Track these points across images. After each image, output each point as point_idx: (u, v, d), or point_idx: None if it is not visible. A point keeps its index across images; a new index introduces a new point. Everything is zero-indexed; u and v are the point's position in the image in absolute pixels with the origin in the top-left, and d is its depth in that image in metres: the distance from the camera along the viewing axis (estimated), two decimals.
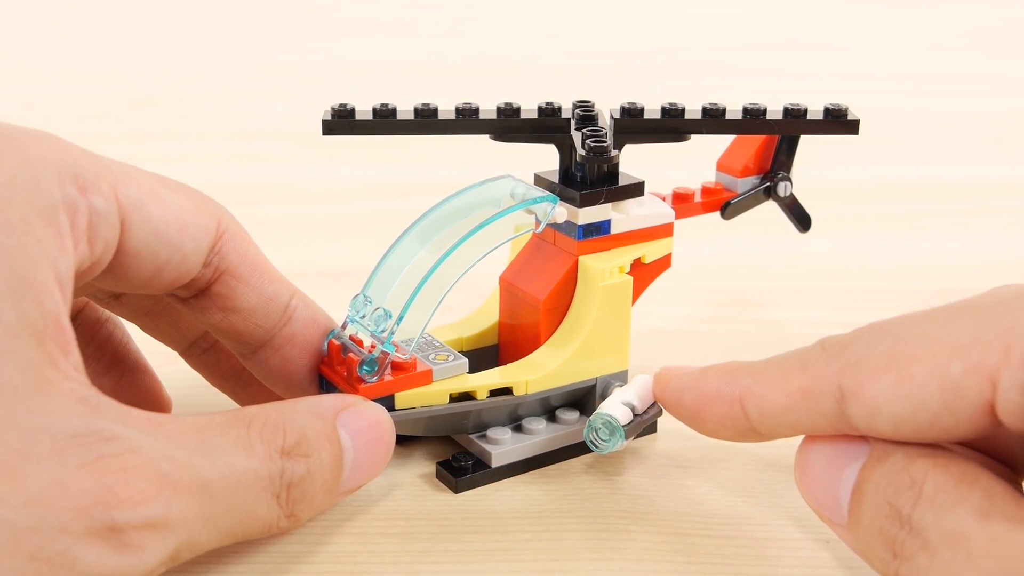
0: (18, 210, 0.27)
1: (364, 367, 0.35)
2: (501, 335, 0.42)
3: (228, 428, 0.30)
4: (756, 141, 0.43)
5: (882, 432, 0.29)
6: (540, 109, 0.39)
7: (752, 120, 0.40)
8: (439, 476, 0.38)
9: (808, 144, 0.43)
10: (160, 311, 0.39)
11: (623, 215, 0.40)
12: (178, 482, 0.27)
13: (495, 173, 0.39)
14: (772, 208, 0.44)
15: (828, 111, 0.40)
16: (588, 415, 0.39)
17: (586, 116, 0.41)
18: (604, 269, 0.39)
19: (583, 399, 0.40)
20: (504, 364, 0.40)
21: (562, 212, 0.38)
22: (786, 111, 0.40)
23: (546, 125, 0.39)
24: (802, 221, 0.45)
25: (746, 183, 0.43)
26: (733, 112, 0.40)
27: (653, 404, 0.38)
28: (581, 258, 0.39)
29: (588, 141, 0.38)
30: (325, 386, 0.37)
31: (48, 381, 0.27)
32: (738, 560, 0.34)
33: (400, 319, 0.36)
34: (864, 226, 0.65)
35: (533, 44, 1.14)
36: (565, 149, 0.40)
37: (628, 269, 0.39)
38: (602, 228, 0.39)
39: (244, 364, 0.37)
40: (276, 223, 0.64)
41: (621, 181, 0.39)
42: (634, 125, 0.40)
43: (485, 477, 0.38)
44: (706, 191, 0.43)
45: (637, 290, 0.40)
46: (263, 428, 0.30)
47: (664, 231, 0.41)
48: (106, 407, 0.27)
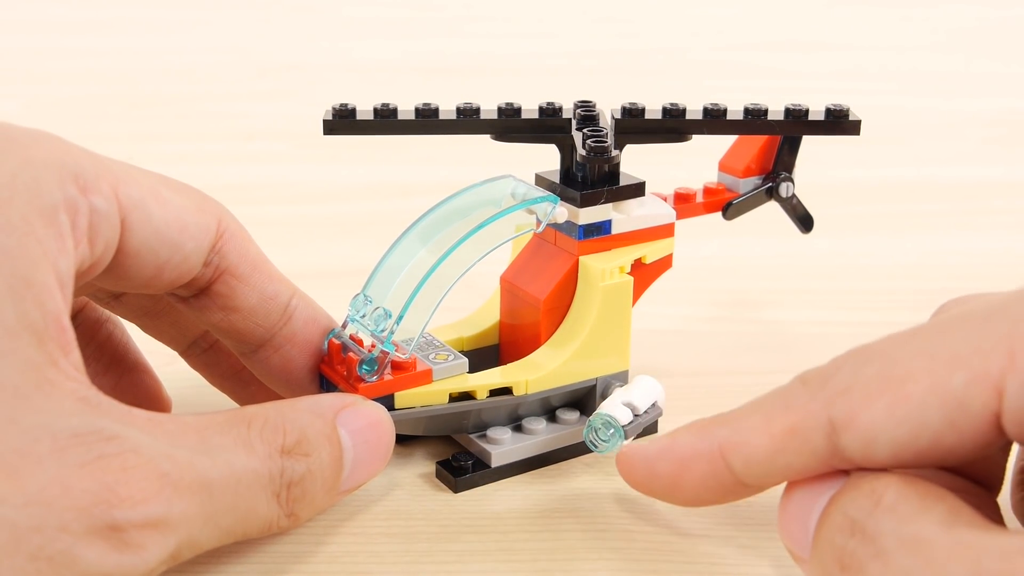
0: (19, 210, 0.27)
1: (364, 366, 0.35)
2: (502, 335, 0.42)
3: (228, 427, 0.30)
4: (758, 141, 0.43)
5: (880, 461, 0.27)
6: (541, 109, 0.39)
7: (753, 120, 0.40)
8: (439, 476, 0.38)
9: (808, 144, 0.43)
10: (160, 311, 0.39)
11: (624, 215, 0.40)
12: (179, 481, 0.27)
13: (496, 173, 0.39)
14: (772, 208, 0.44)
15: (829, 112, 0.40)
16: (588, 415, 0.39)
17: (587, 116, 0.41)
18: (604, 269, 0.39)
19: (583, 399, 0.40)
20: (504, 364, 0.40)
21: (563, 212, 0.38)
22: (787, 112, 0.40)
23: (547, 125, 0.39)
24: (804, 222, 0.45)
25: (748, 183, 0.43)
26: (734, 112, 0.40)
27: (653, 404, 0.39)
28: (582, 258, 0.39)
29: (589, 141, 0.38)
30: (325, 385, 0.37)
31: (49, 381, 0.26)
32: (738, 560, 0.34)
33: (400, 319, 0.36)
34: (865, 226, 0.65)
35: (533, 44, 1.14)
36: (566, 149, 0.40)
37: (629, 269, 0.39)
38: (603, 228, 0.39)
39: (244, 363, 0.37)
40: (276, 223, 0.64)
41: (622, 181, 0.39)
42: (635, 125, 0.40)
43: (485, 477, 0.38)
44: (708, 191, 0.43)
45: (638, 290, 0.40)
46: (263, 427, 0.30)
47: (665, 231, 0.41)
48: (107, 407, 0.27)
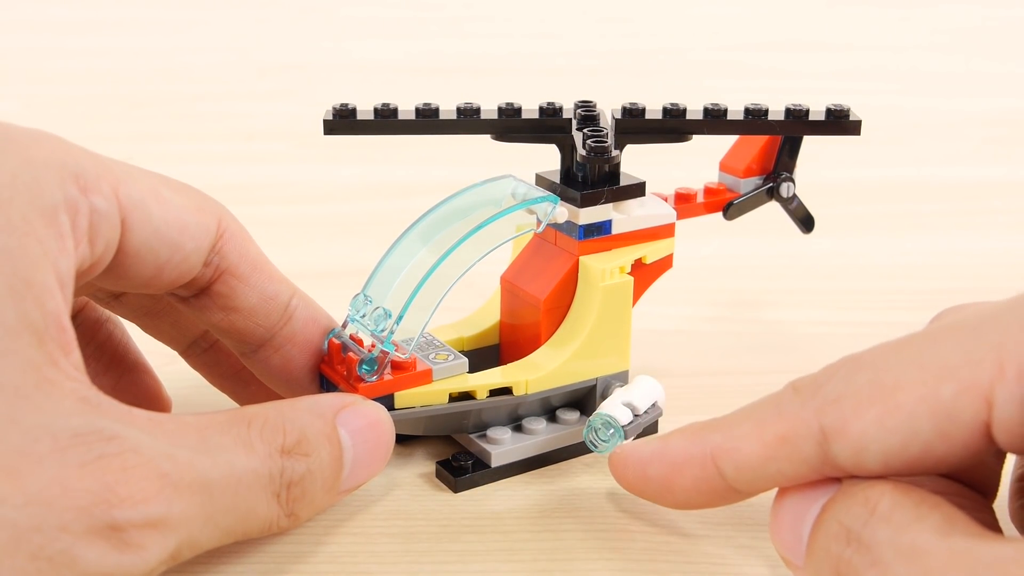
0: (19, 210, 0.27)
1: (364, 366, 0.35)
2: (502, 335, 0.42)
3: (228, 427, 0.30)
4: (759, 141, 0.43)
5: (871, 469, 0.28)
6: (541, 109, 0.39)
7: (754, 120, 0.40)
8: (439, 476, 0.38)
9: (809, 144, 0.42)
10: (160, 311, 0.39)
11: (624, 215, 0.40)
12: (179, 481, 0.27)
13: (496, 173, 0.39)
14: (772, 208, 0.44)
15: (830, 112, 0.40)
16: (588, 415, 0.39)
17: (587, 116, 0.41)
18: (605, 269, 0.39)
19: (583, 399, 0.40)
20: (505, 364, 0.40)
21: (563, 212, 0.38)
22: (788, 112, 0.40)
23: (547, 125, 0.39)
24: (805, 222, 0.45)
25: (749, 183, 0.43)
26: (735, 112, 0.40)
27: (653, 404, 0.39)
28: (582, 258, 0.39)
29: (589, 141, 0.38)
30: (325, 385, 0.37)
31: (49, 381, 0.26)
32: (738, 560, 0.34)
33: (400, 318, 0.36)
34: (865, 226, 0.65)
35: (533, 44, 1.14)
36: (566, 149, 0.40)
37: (629, 269, 0.39)
38: (603, 228, 0.39)
39: (245, 363, 0.37)
40: (276, 223, 0.64)
41: (622, 181, 0.39)
42: (635, 125, 0.40)
43: (485, 477, 0.38)
44: (708, 191, 0.43)
45: (638, 290, 0.40)
46: (263, 427, 0.30)
47: (666, 231, 0.41)
48: (107, 406, 0.27)
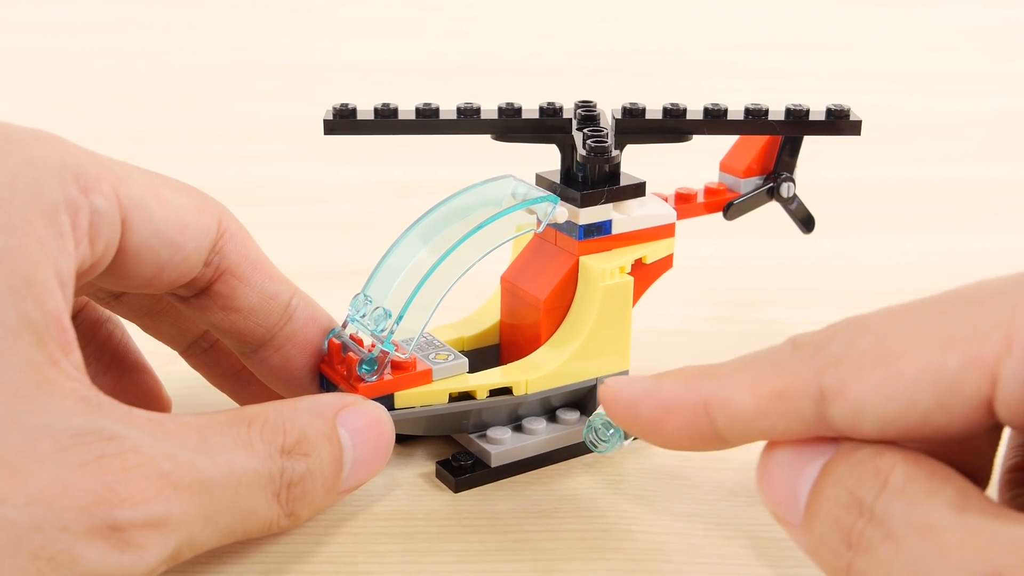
0: (19, 210, 0.27)
1: (364, 366, 0.35)
2: (502, 335, 0.42)
3: (228, 427, 0.30)
4: (759, 141, 0.43)
5: (866, 433, 0.27)
6: (541, 109, 0.39)
7: (754, 121, 0.40)
8: (439, 476, 0.38)
9: (809, 144, 0.42)
10: (160, 310, 0.39)
11: (624, 215, 0.40)
12: (179, 481, 0.27)
13: (496, 173, 0.39)
14: (772, 208, 0.44)
15: (830, 112, 0.40)
16: (588, 415, 0.39)
17: (588, 116, 0.41)
18: (605, 269, 0.39)
19: (584, 399, 0.40)
20: (505, 364, 0.40)
21: (563, 212, 0.38)
22: (788, 112, 0.40)
23: (547, 125, 0.39)
24: (806, 222, 0.45)
25: (749, 183, 0.43)
26: (735, 112, 0.40)
27: None
28: (582, 258, 0.39)
29: (589, 141, 0.38)
30: (325, 385, 0.37)
31: (49, 381, 0.26)
32: (738, 560, 0.34)
33: (400, 318, 0.36)
34: (865, 226, 0.65)
35: (533, 44, 1.14)
36: (566, 149, 0.40)
37: (629, 269, 0.39)
38: (603, 228, 0.39)
39: (245, 363, 0.37)
40: (276, 223, 0.64)
41: (623, 181, 0.39)
42: (636, 125, 0.40)
43: (485, 477, 0.38)
44: (709, 191, 0.43)
45: (638, 291, 0.40)
46: (263, 427, 0.30)
47: (666, 231, 0.41)
48: (107, 407, 0.27)
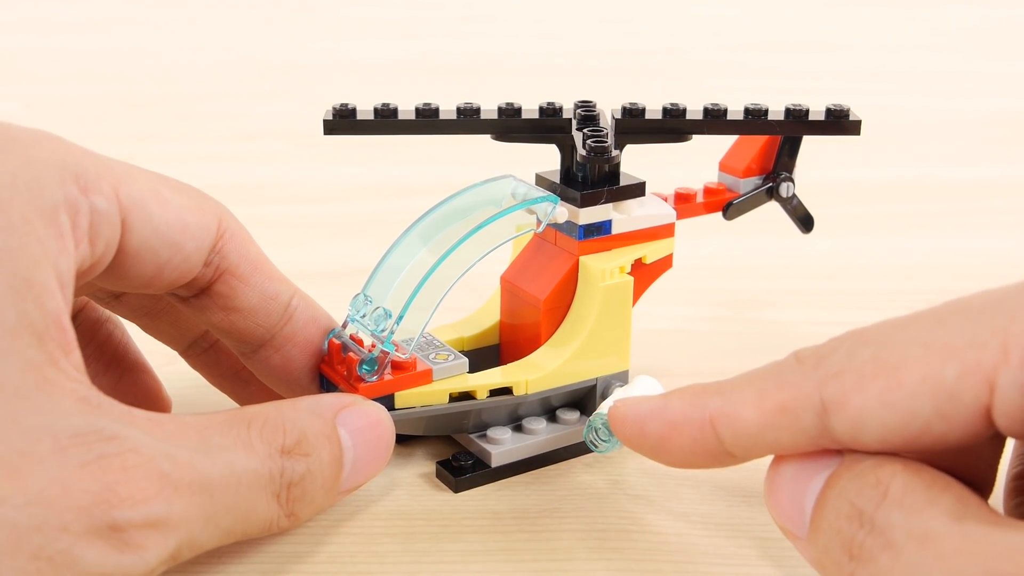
0: (19, 210, 0.27)
1: (364, 366, 0.35)
2: (502, 335, 0.42)
3: (228, 427, 0.30)
4: (759, 141, 0.43)
5: (868, 445, 0.28)
6: (541, 109, 0.39)
7: (754, 121, 0.40)
8: (439, 476, 0.38)
9: (808, 144, 0.42)
10: (160, 311, 0.39)
11: (624, 215, 0.40)
12: (179, 481, 0.27)
13: (496, 173, 0.39)
14: (772, 208, 0.44)
15: (830, 112, 0.40)
16: (588, 415, 0.39)
17: (587, 116, 0.41)
18: (605, 269, 0.39)
19: (584, 399, 0.40)
20: (505, 364, 0.40)
21: (563, 212, 0.38)
22: (788, 112, 0.40)
23: (547, 125, 0.39)
24: (805, 222, 0.45)
25: (748, 183, 0.43)
26: (735, 112, 0.40)
27: None
28: (582, 258, 0.39)
29: (589, 141, 0.38)
30: (325, 385, 0.37)
31: (49, 381, 0.26)
32: (738, 560, 0.34)
33: (400, 319, 0.36)
34: (865, 226, 0.65)
35: (533, 44, 1.14)
36: (566, 149, 0.40)
37: (629, 269, 0.39)
38: (603, 228, 0.39)
39: (245, 363, 0.37)
40: (276, 223, 0.64)
41: (622, 181, 0.39)
42: (635, 125, 0.40)
43: (485, 477, 0.38)
44: (708, 191, 0.43)
45: (638, 290, 0.40)
46: (263, 427, 0.30)
47: (665, 231, 0.41)
48: (107, 407, 0.27)
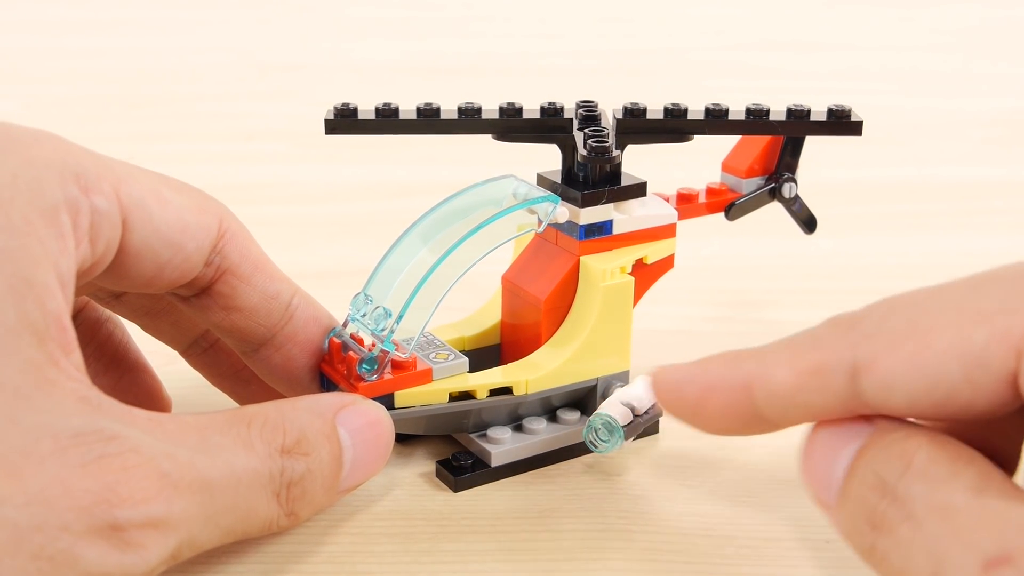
0: (20, 210, 0.27)
1: (364, 365, 0.35)
2: (503, 335, 0.42)
3: (228, 427, 0.30)
4: (761, 142, 0.43)
5: (896, 408, 0.28)
6: (542, 109, 0.39)
7: (755, 121, 0.40)
8: (439, 475, 0.38)
9: (809, 144, 0.42)
10: (161, 310, 0.39)
11: (625, 215, 0.40)
12: (179, 481, 0.27)
13: (497, 173, 0.39)
14: (772, 208, 0.44)
15: (831, 112, 0.40)
16: (589, 415, 0.39)
17: (589, 116, 0.41)
18: (605, 269, 0.39)
19: (584, 399, 0.40)
20: (506, 364, 0.40)
21: (563, 212, 0.38)
22: (789, 112, 0.40)
23: (548, 125, 0.39)
24: (808, 223, 0.45)
25: (751, 184, 0.43)
26: (736, 113, 0.40)
27: (653, 405, 0.38)
28: (582, 258, 0.39)
29: (590, 141, 0.38)
30: (326, 384, 0.37)
31: (50, 381, 0.26)
32: (738, 560, 0.34)
33: (400, 318, 0.36)
34: (865, 226, 0.65)
35: (533, 44, 1.13)
36: (567, 149, 0.40)
37: (630, 269, 0.39)
38: (604, 228, 0.39)
39: (246, 362, 0.37)
40: (276, 223, 0.64)
41: (624, 181, 0.39)
42: (637, 125, 0.40)
43: (484, 476, 0.38)
44: (711, 192, 0.43)
45: (639, 291, 0.40)
46: (263, 427, 0.30)
47: (667, 232, 0.41)
48: (107, 407, 0.27)
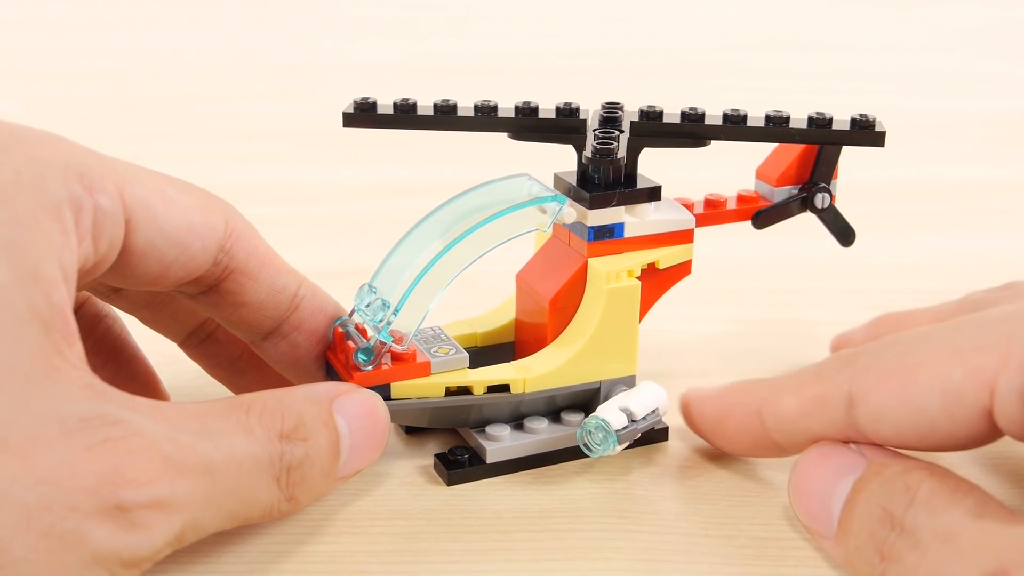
0: (24, 205, 0.28)
1: (359, 355, 0.36)
2: (517, 332, 0.42)
3: (227, 413, 0.30)
4: (795, 150, 0.42)
5: (885, 437, 0.31)
6: (558, 109, 0.39)
7: (774, 128, 0.39)
8: (435, 468, 0.38)
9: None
10: (161, 303, 0.39)
11: (637, 219, 0.39)
12: (182, 464, 0.28)
13: (511, 172, 0.39)
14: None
15: (855, 121, 0.39)
16: None
17: (609, 118, 0.40)
18: (611, 272, 0.38)
19: (588, 402, 0.40)
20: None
21: (570, 213, 0.38)
22: (810, 120, 0.39)
23: (563, 125, 0.39)
24: (844, 234, 0.44)
25: (782, 192, 0.43)
26: (754, 119, 0.39)
27: (653, 411, 0.38)
28: (590, 260, 0.39)
29: (595, 143, 0.38)
30: (330, 372, 0.37)
31: (56, 368, 0.27)
32: (738, 560, 0.34)
33: (397, 310, 0.36)
34: (864, 226, 0.64)
35: (533, 44, 1.13)
36: (581, 150, 0.39)
37: (639, 273, 0.39)
38: (614, 231, 0.39)
39: (254, 350, 0.37)
40: (276, 223, 0.63)
41: (639, 184, 0.39)
42: (652, 128, 0.39)
43: (478, 472, 0.38)
44: (741, 199, 0.43)
45: (652, 296, 0.40)
46: (262, 413, 0.31)
47: (682, 237, 0.40)
48: (111, 394, 0.28)
